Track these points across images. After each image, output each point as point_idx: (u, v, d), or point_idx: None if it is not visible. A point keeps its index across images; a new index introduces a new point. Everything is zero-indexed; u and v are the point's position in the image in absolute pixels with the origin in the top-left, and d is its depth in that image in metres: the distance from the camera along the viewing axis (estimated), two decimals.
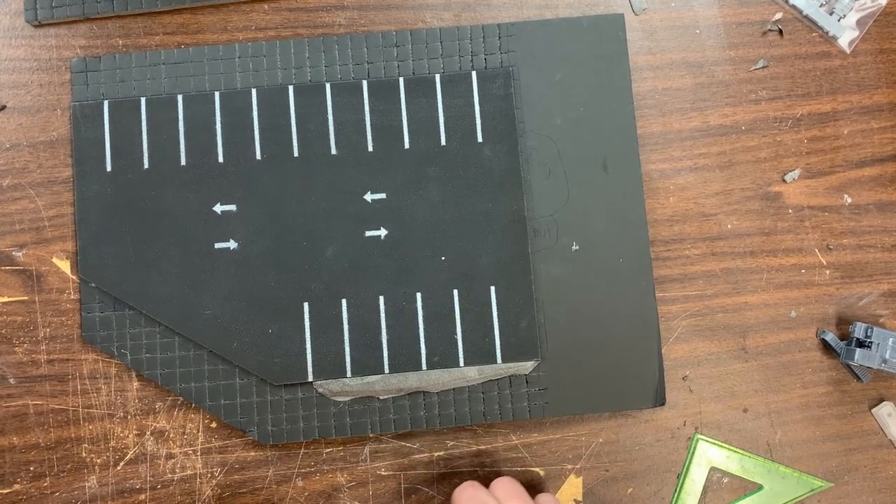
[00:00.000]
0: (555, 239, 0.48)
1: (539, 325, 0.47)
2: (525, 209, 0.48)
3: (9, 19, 0.49)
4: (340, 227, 0.48)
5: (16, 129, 0.48)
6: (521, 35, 0.49)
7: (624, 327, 0.48)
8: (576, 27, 0.49)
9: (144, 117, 0.48)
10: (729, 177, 0.50)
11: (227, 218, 0.47)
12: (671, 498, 0.49)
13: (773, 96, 0.51)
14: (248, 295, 0.47)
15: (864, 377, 0.49)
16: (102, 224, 0.47)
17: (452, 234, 0.48)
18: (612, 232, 0.48)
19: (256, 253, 0.47)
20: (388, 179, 0.48)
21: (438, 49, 0.49)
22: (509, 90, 0.49)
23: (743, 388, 0.49)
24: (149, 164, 0.48)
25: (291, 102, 0.48)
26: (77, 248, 0.47)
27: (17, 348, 0.48)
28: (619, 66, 0.49)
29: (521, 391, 0.48)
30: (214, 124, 0.48)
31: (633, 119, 0.49)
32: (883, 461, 0.49)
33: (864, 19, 0.51)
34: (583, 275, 0.48)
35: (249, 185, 0.48)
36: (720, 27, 0.51)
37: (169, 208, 0.47)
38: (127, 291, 0.47)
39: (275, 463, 0.48)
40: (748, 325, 0.50)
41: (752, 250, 0.50)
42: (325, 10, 0.50)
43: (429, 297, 0.47)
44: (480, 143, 0.48)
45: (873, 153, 0.51)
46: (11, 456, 0.47)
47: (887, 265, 0.50)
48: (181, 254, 0.47)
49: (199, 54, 0.49)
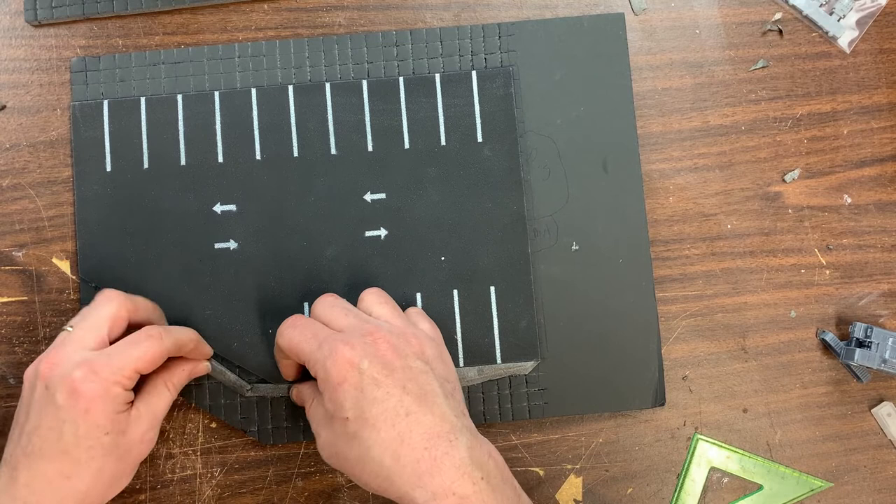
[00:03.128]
0: (555, 239, 0.48)
1: (539, 325, 0.47)
2: (525, 209, 0.48)
3: (9, 19, 0.49)
4: (340, 228, 0.48)
5: (16, 129, 0.48)
6: (521, 35, 0.49)
7: (624, 327, 0.48)
8: (576, 27, 0.49)
9: (144, 117, 0.48)
10: (729, 177, 0.50)
11: (227, 218, 0.47)
12: (671, 498, 0.49)
13: (773, 96, 0.51)
14: (248, 295, 0.47)
15: (863, 377, 0.49)
16: (102, 224, 0.47)
17: (452, 235, 0.48)
18: (612, 232, 0.48)
19: (256, 253, 0.47)
20: (388, 179, 0.48)
21: (438, 49, 0.49)
22: (509, 90, 0.49)
23: (743, 388, 0.49)
24: (149, 164, 0.48)
25: (291, 102, 0.48)
26: (77, 248, 0.47)
27: (17, 348, 0.47)
28: (619, 66, 0.49)
29: (521, 391, 0.48)
30: (214, 124, 0.48)
31: (633, 119, 0.49)
32: (883, 461, 0.49)
33: (864, 19, 0.51)
34: (583, 275, 0.48)
35: (249, 185, 0.48)
36: (720, 27, 0.51)
37: (169, 208, 0.47)
38: (127, 291, 0.47)
39: (275, 463, 0.48)
40: (748, 325, 0.50)
41: (752, 250, 0.50)
42: (325, 10, 0.50)
43: (428, 298, 0.47)
44: (480, 143, 0.48)
45: (873, 153, 0.51)
46: None
47: (887, 265, 0.50)
48: (181, 254, 0.47)
49: (198, 54, 0.49)
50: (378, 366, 0.38)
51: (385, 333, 0.40)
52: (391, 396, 0.38)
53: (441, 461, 0.37)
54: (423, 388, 0.38)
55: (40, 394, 0.39)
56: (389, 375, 0.38)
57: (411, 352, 0.40)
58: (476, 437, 0.39)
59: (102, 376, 0.39)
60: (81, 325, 0.41)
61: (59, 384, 0.38)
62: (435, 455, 0.37)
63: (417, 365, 0.39)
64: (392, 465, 0.37)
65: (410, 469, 0.37)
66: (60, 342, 0.40)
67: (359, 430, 0.38)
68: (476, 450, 0.38)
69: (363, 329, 0.40)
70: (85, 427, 0.38)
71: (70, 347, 0.40)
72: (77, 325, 0.41)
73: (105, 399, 0.39)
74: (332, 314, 0.42)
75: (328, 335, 0.40)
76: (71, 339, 0.40)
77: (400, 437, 0.37)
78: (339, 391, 0.38)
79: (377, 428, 0.37)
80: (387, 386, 0.38)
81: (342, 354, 0.38)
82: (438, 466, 0.36)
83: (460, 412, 0.39)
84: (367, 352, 0.38)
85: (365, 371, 0.38)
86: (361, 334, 0.39)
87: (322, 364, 0.39)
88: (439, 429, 0.37)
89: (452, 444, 0.37)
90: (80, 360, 0.39)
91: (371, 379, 0.38)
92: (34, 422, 0.39)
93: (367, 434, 0.37)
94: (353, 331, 0.40)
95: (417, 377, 0.39)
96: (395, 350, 0.39)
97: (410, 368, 0.39)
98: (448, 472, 0.36)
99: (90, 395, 0.38)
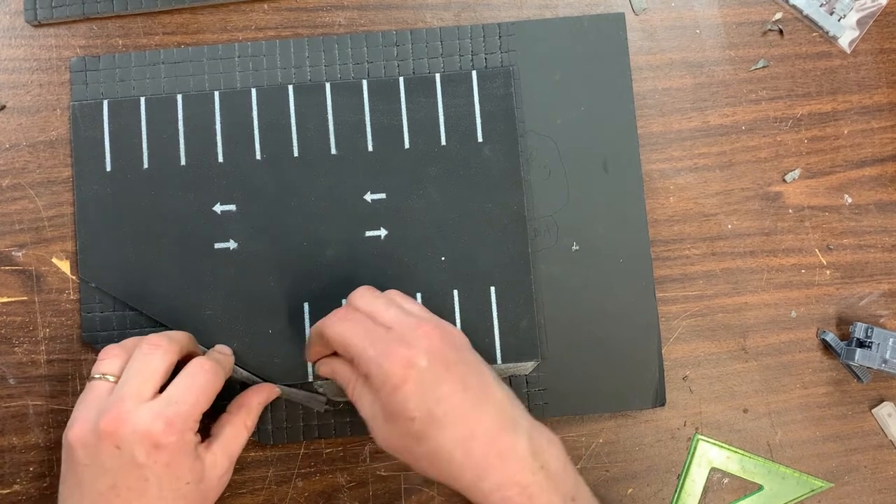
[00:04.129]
0: (555, 239, 0.48)
1: (539, 325, 0.47)
2: (525, 209, 0.48)
3: (9, 19, 0.49)
4: (340, 228, 0.48)
5: (16, 129, 0.48)
6: (521, 35, 0.49)
7: (624, 328, 0.48)
8: (576, 27, 0.49)
9: (144, 117, 0.48)
10: (729, 177, 0.50)
11: (227, 218, 0.47)
12: (671, 498, 0.49)
13: (773, 96, 0.51)
14: (248, 295, 0.47)
15: (864, 377, 0.49)
16: (102, 224, 0.47)
17: (452, 235, 0.48)
18: (613, 232, 0.48)
19: (256, 253, 0.47)
20: (388, 179, 0.48)
21: (438, 48, 0.49)
22: (509, 90, 0.49)
23: (743, 389, 0.49)
24: (148, 163, 0.48)
25: (291, 102, 0.48)
26: (77, 248, 0.47)
27: (17, 348, 0.47)
28: (619, 66, 0.49)
29: (521, 391, 0.48)
30: (214, 124, 0.48)
31: (634, 119, 0.49)
32: (883, 461, 0.49)
33: (865, 19, 0.51)
34: (583, 275, 0.48)
35: (249, 185, 0.48)
36: (720, 27, 0.51)
37: (169, 208, 0.47)
38: (127, 292, 0.47)
39: (275, 463, 0.48)
40: (748, 325, 0.50)
41: (752, 250, 0.50)
42: (325, 10, 0.50)
43: (429, 298, 0.47)
44: (480, 143, 0.48)
45: (873, 153, 0.51)
46: (11, 456, 0.47)
47: (887, 265, 0.50)
48: (181, 254, 0.47)
49: (198, 54, 0.49)
50: (436, 361, 0.38)
51: (433, 327, 0.39)
52: (455, 393, 0.38)
53: (506, 453, 0.37)
54: (482, 379, 0.39)
55: (110, 454, 0.37)
56: (449, 370, 0.38)
57: (459, 342, 0.40)
58: (534, 426, 0.39)
59: (177, 427, 0.38)
60: (135, 378, 0.39)
61: (137, 441, 0.37)
62: (501, 448, 0.37)
63: (468, 355, 0.40)
64: (463, 460, 0.37)
65: (481, 463, 0.37)
66: (118, 398, 0.38)
67: (426, 428, 0.37)
68: (536, 439, 0.38)
69: (410, 323, 0.39)
70: (168, 480, 0.38)
71: (130, 402, 0.38)
72: (130, 378, 0.39)
73: (183, 449, 0.38)
74: (376, 307, 0.41)
75: (380, 334, 0.39)
76: (128, 392, 0.39)
77: (471, 432, 0.37)
78: (400, 392, 0.37)
79: (446, 426, 0.37)
80: (449, 381, 0.38)
81: (399, 354, 0.38)
82: (503, 459, 0.37)
83: (513, 398, 0.40)
84: (423, 347, 0.38)
85: (425, 369, 0.37)
86: (411, 328, 0.39)
87: (377, 363, 0.38)
88: (502, 420, 0.38)
89: (516, 436, 0.38)
90: (152, 414, 0.38)
91: (433, 376, 0.38)
92: (107, 482, 0.38)
93: (435, 433, 0.37)
94: (400, 326, 0.39)
95: (471, 368, 0.39)
96: (447, 343, 0.39)
97: (466, 361, 0.39)
98: (511, 463, 0.37)
99: (172, 448, 0.38)
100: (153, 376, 0.39)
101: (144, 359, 0.40)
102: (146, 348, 0.40)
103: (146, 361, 0.40)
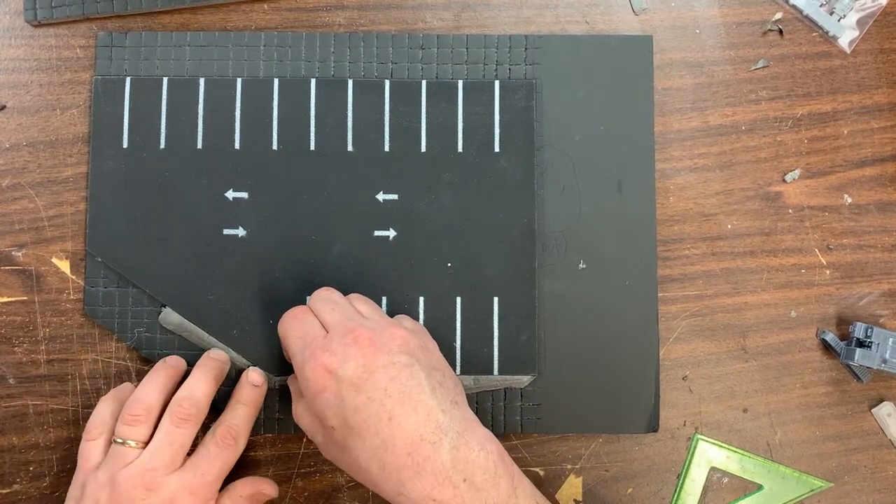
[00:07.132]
0: (562, 255, 0.48)
1: (539, 340, 0.47)
2: (536, 223, 0.48)
3: (9, 19, 0.49)
4: (350, 225, 0.48)
5: (15, 129, 0.48)
6: (547, 48, 0.49)
7: (624, 350, 0.48)
8: (603, 45, 0.49)
9: (165, 97, 0.48)
10: (729, 177, 0.50)
11: (238, 205, 0.47)
12: (671, 498, 0.49)
13: (773, 96, 0.51)
14: (252, 283, 0.47)
15: (864, 377, 0.49)
16: (114, 199, 0.47)
17: (461, 242, 0.48)
18: (621, 254, 0.48)
19: (264, 242, 0.47)
20: (402, 181, 0.48)
21: (463, 55, 0.49)
22: (531, 102, 0.48)
23: (743, 388, 0.49)
24: (165, 144, 0.48)
25: (312, 95, 0.48)
26: (87, 220, 0.47)
27: (17, 348, 0.47)
28: (643, 89, 0.49)
29: (515, 405, 0.47)
30: (234, 110, 0.48)
31: (653, 143, 0.49)
32: (883, 461, 0.49)
33: (865, 19, 0.51)
34: (587, 294, 0.48)
35: (263, 173, 0.48)
36: (720, 27, 0.51)
37: (181, 190, 0.47)
38: (132, 268, 0.47)
39: (275, 463, 0.48)
40: (748, 325, 0.50)
41: (752, 250, 0.50)
42: (325, 10, 0.50)
43: (431, 302, 0.47)
44: (497, 153, 0.48)
45: (873, 153, 0.51)
46: (11, 456, 0.47)
47: (887, 265, 0.50)
48: (189, 236, 0.47)
49: (224, 39, 0.49)
50: (358, 370, 0.38)
51: (367, 330, 0.39)
52: (373, 402, 0.37)
53: (423, 466, 0.36)
54: (407, 386, 0.38)
55: None
56: (369, 378, 0.38)
57: (395, 346, 0.39)
58: (463, 434, 0.38)
59: (201, 496, 0.41)
60: (166, 449, 0.41)
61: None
62: (417, 461, 0.37)
63: (401, 359, 0.39)
64: (378, 472, 0.37)
65: (395, 476, 0.37)
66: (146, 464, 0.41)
67: (345, 438, 0.38)
68: (462, 448, 0.37)
69: (345, 327, 0.40)
70: None
71: (161, 471, 0.41)
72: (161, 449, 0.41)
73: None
74: (321, 308, 0.42)
75: (312, 339, 0.40)
76: (159, 460, 0.41)
77: (384, 444, 0.37)
78: (319, 400, 0.38)
79: (361, 436, 0.37)
80: (367, 390, 0.37)
81: (320, 362, 0.38)
82: (420, 472, 0.36)
83: (449, 403, 0.39)
84: (347, 355, 0.38)
85: (343, 378, 0.38)
86: (342, 334, 0.39)
87: (301, 370, 0.39)
88: (423, 430, 0.37)
89: (435, 447, 0.37)
90: (180, 483, 0.41)
91: (350, 386, 0.38)
92: None
93: (353, 443, 0.38)
94: (335, 329, 0.40)
95: (400, 373, 0.38)
96: (376, 346, 0.39)
97: (393, 365, 0.38)
98: (429, 477, 0.36)
99: None
100: (182, 450, 0.42)
101: (176, 432, 0.42)
102: (177, 421, 0.42)
103: (177, 435, 0.42)
